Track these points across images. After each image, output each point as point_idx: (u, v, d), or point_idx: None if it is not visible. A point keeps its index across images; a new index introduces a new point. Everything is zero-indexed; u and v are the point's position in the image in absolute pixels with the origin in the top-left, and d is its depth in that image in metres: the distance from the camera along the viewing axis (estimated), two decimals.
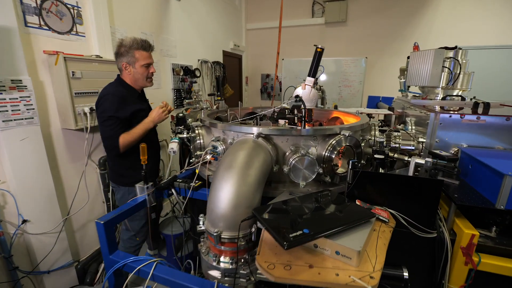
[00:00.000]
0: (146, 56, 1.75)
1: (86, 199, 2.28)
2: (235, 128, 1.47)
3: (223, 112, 2.33)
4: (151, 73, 1.80)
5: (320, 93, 3.32)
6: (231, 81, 5.33)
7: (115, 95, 1.68)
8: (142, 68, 1.74)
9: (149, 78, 1.81)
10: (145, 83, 1.82)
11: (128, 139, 1.68)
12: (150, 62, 1.77)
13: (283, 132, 1.38)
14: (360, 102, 5.28)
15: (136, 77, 1.77)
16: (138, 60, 1.72)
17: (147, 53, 1.76)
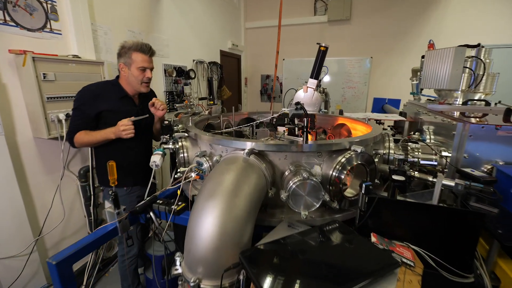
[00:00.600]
0: (144, 59, 1.63)
1: (62, 215, 2.03)
2: (223, 142, 1.22)
3: (215, 119, 2.08)
4: (146, 77, 1.67)
5: (323, 96, 3.06)
6: (229, 83, 5.08)
7: (91, 89, 1.63)
8: (137, 71, 1.63)
9: (144, 83, 1.69)
10: (139, 87, 1.69)
11: (84, 139, 1.59)
12: (147, 66, 1.65)
13: (280, 148, 1.13)
14: (364, 104, 5.02)
15: (130, 80, 1.66)
16: (134, 62, 1.61)
17: (145, 57, 1.64)
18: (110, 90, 1.67)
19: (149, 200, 1.39)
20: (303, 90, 2.55)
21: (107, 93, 1.65)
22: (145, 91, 1.72)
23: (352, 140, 1.18)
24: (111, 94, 1.66)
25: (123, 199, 1.73)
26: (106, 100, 1.63)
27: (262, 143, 1.12)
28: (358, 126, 1.88)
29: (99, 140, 1.59)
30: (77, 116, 1.60)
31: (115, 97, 1.66)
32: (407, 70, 4.68)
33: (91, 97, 1.60)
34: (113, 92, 1.67)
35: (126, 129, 1.54)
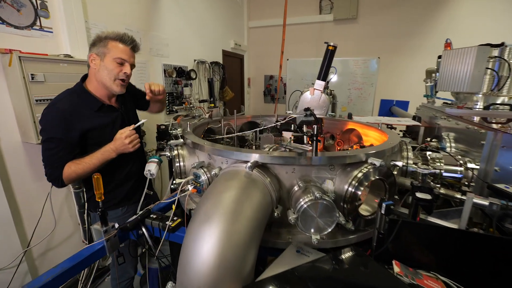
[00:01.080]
0: (122, 50, 1.31)
1: (53, 224, 1.91)
2: (223, 152, 1.09)
3: (216, 123, 1.95)
4: (123, 73, 1.32)
5: (331, 98, 2.91)
6: (231, 83, 4.95)
7: (60, 108, 1.24)
8: (112, 63, 1.28)
9: (118, 80, 1.32)
10: (111, 84, 1.32)
11: (77, 171, 1.24)
12: (126, 59, 1.32)
13: (288, 161, 0.99)
14: (371, 106, 4.86)
15: (100, 75, 1.30)
16: (111, 51, 1.28)
17: (126, 48, 1.33)
18: (80, 104, 1.30)
19: (142, 214, 1.26)
20: (309, 92, 2.40)
21: (79, 107, 1.29)
22: (117, 91, 1.35)
23: (368, 152, 1.04)
24: (82, 108, 1.30)
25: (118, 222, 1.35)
26: (83, 117, 1.28)
27: (267, 155, 0.98)
28: (370, 132, 1.73)
29: (98, 165, 1.27)
30: (54, 149, 1.22)
31: (90, 109, 1.32)
32: (416, 70, 4.52)
33: (62, 120, 1.22)
34: (84, 105, 1.31)
35: (132, 139, 1.27)
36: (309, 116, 1.10)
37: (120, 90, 1.36)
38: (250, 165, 0.93)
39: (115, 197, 1.51)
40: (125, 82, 1.37)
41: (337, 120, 2.03)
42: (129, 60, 1.34)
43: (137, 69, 2.70)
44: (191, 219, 0.84)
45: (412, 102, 4.64)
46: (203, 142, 1.21)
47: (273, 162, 0.99)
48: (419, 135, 1.92)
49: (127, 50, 1.34)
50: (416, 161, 1.30)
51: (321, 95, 2.34)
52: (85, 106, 1.31)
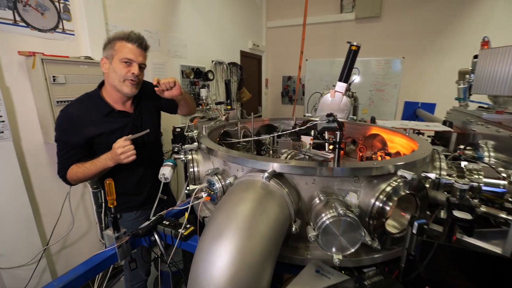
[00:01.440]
0: (129, 50, 1.26)
1: (71, 223, 1.94)
2: (238, 160, 1.03)
3: (232, 126, 1.90)
4: (131, 73, 1.27)
5: (352, 101, 2.79)
6: (249, 84, 4.91)
7: (68, 112, 1.26)
8: (120, 64, 1.25)
9: (127, 81, 1.28)
10: (121, 86, 1.28)
11: (78, 174, 1.26)
12: (133, 58, 1.26)
13: (308, 171, 0.91)
14: (394, 108, 4.63)
15: (111, 78, 1.28)
16: (118, 52, 1.25)
17: (133, 47, 1.27)
18: (91, 108, 1.30)
19: (154, 220, 1.23)
20: (330, 95, 2.30)
21: (88, 112, 1.28)
22: (129, 92, 1.30)
23: (397, 163, 0.94)
24: (92, 113, 1.29)
25: (131, 225, 1.46)
26: (91, 122, 1.28)
27: (285, 164, 0.91)
28: (396, 138, 1.61)
29: (97, 171, 1.26)
30: (62, 150, 1.26)
31: (99, 114, 1.31)
32: (444, 71, 4.26)
33: (70, 124, 1.25)
34: (94, 110, 1.30)
35: (125, 151, 1.19)
36: (332, 122, 1.02)
37: (131, 91, 1.31)
38: (268, 175, 0.86)
39: (131, 201, 1.50)
40: (136, 83, 1.32)
41: (359, 124, 1.92)
42: (136, 60, 1.28)
43: (155, 70, 2.72)
44: (203, 232, 0.78)
45: (439, 105, 4.37)
46: (218, 147, 1.16)
47: (292, 172, 0.92)
48: (451, 142, 1.77)
49: (133, 49, 1.27)
50: (450, 172, 1.18)
51: (343, 98, 2.23)
52: (94, 111, 1.30)
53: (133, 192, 1.49)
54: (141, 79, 1.35)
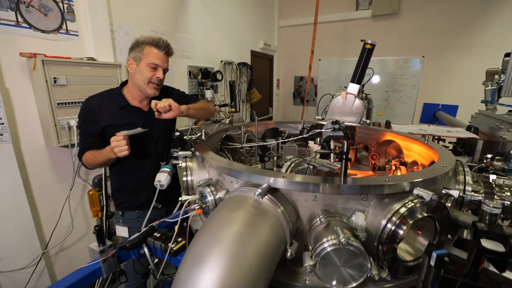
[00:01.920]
0: (157, 56, 1.36)
1: (70, 227, 1.92)
2: (232, 171, 0.93)
3: (236, 129, 1.81)
4: (156, 77, 1.37)
5: (365, 103, 2.61)
6: (259, 85, 4.80)
7: (90, 103, 1.40)
8: (147, 67, 1.35)
9: (152, 83, 1.38)
10: (146, 88, 1.38)
11: (90, 160, 1.38)
12: (160, 64, 1.37)
13: (308, 188, 0.80)
14: (412, 110, 4.38)
15: (136, 79, 1.38)
16: (146, 56, 1.35)
17: (160, 53, 1.37)
18: (111, 101, 1.42)
19: (144, 232, 1.15)
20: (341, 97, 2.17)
21: (106, 105, 1.40)
22: (152, 94, 1.40)
23: (414, 179, 0.81)
24: (111, 105, 1.41)
25: (133, 223, 1.51)
26: (106, 113, 1.38)
27: (282, 179, 0.80)
28: (413, 146, 1.46)
29: (103, 161, 1.35)
30: (82, 135, 1.41)
31: (115, 107, 1.41)
32: (467, 71, 3.97)
33: (89, 113, 1.37)
34: (113, 102, 1.42)
35: (117, 145, 1.22)
36: (337, 131, 0.90)
37: (154, 93, 1.41)
38: (260, 192, 0.76)
39: (132, 199, 1.51)
40: (159, 86, 1.41)
41: (373, 129, 1.77)
42: (162, 65, 1.38)
43: None
44: (183, 257, 0.69)
45: (462, 107, 4.10)
46: (212, 156, 1.07)
47: (289, 188, 0.81)
48: (476, 150, 1.59)
49: (160, 55, 1.36)
50: (476, 188, 1.03)
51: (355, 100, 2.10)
52: (112, 104, 1.41)
53: (135, 191, 1.51)
54: (163, 82, 1.44)
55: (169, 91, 1.61)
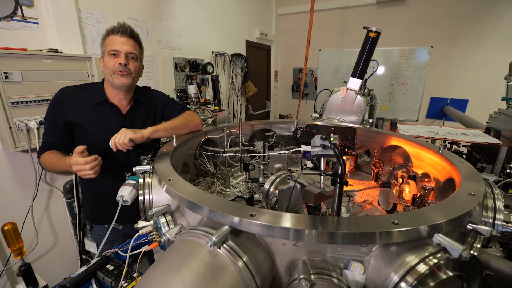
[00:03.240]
0: (113, 41, 1.18)
1: (35, 240, 1.72)
2: (190, 204, 0.70)
3: (218, 131, 1.57)
4: (118, 64, 1.18)
5: (368, 99, 2.34)
6: (256, 77, 4.53)
7: (62, 92, 1.23)
8: (108, 57, 1.20)
9: (117, 72, 1.20)
10: (112, 79, 1.21)
11: (47, 164, 1.17)
12: (119, 49, 1.18)
13: (284, 234, 0.57)
14: (418, 105, 4.11)
15: (105, 74, 1.24)
16: (106, 47, 1.20)
17: (117, 37, 1.19)
18: (86, 93, 1.25)
19: (94, 264, 0.94)
20: (340, 93, 1.93)
21: (80, 97, 1.23)
22: (119, 84, 1.21)
23: (433, 220, 0.58)
24: (85, 98, 1.23)
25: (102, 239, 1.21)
26: (77, 107, 1.20)
27: (250, 220, 0.58)
28: (425, 154, 1.22)
29: (61, 170, 1.14)
30: (46, 129, 1.23)
31: (89, 102, 1.23)
32: (479, 62, 3.67)
33: (57, 102, 1.20)
34: (89, 96, 1.24)
35: (80, 169, 1.02)
36: (327, 148, 0.66)
37: (121, 82, 1.21)
38: (215, 241, 0.53)
39: (103, 212, 1.34)
40: (125, 73, 1.21)
41: (376, 132, 1.53)
42: (121, 49, 1.18)
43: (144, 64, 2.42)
44: None
45: (472, 102, 3.82)
46: (169, 176, 0.84)
47: (260, 233, 0.59)
48: (498, 158, 1.34)
49: (117, 39, 1.19)
50: (508, 218, 0.80)
51: (356, 97, 1.85)
52: (86, 97, 1.24)
53: (103, 204, 1.32)
54: (133, 70, 1.24)
55: (155, 95, 1.45)
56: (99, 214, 1.38)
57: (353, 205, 1.15)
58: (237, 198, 0.99)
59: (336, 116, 1.89)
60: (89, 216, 1.43)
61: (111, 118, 1.26)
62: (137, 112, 1.34)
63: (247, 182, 1.37)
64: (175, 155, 1.19)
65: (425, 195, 1.07)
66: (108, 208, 1.22)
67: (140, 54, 1.28)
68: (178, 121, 1.35)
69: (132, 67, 1.22)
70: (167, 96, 1.47)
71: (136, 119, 1.33)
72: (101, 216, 1.37)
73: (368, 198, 1.24)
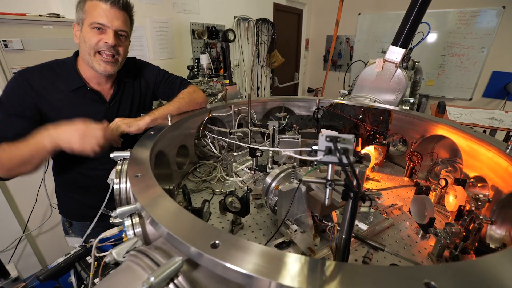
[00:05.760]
0: (100, 12, 0.93)
1: (49, 210, 1.77)
2: (151, 219, 0.54)
3: (226, 108, 1.38)
4: (104, 43, 0.95)
5: (411, 74, 1.92)
6: (284, 46, 4.14)
7: (25, 78, 0.95)
8: (90, 31, 0.94)
9: (99, 54, 0.97)
10: (92, 61, 0.97)
11: (3, 159, 0.85)
12: (107, 23, 0.94)
13: (246, 280, 0.39)
14: (475, 82, 3.48)
15: (81, 50, 0.99)
16: (87, 15, 0.94)
17: (106, 6, 0.93)
18: (57, 79, 0.99)
19: (72, 257, 0.86)
20: (375, 66, 1.61)
21: (51, 84, 0.98)
22: (101, 70, 0.98)
23: None
24: (58, 85, 0.99)
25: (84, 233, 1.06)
26: (47, 96, 0.97)
27: (207, 256, 0.40)
28: (481, 150, 0.92)
29: (28, 155, 0.85)
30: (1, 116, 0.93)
31: (65, 90, 0.99)
32: None
33: (22, 89, 0.94)
34: (61, 82, 0.99)
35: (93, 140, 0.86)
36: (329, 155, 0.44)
37: (104, 69, 0.99)
38: (153, 283, 0.37)
39: (79, 208, 1.17)
40: (111, 57, 0.98)
41: (417, 117, 1.22)
42: (110, 24, 0.94)
43: (156, 31, 2.25)
44: None
45: None
46: (137, 171, 0.69)
47: (223, 274, 0.41)
48: None
49: (106, 10, 0.93)
50: None
51: (396, 71, 1.53)
52: (60, 84, 0.99)
53: (81, 199, 1.16)
54: (122, 52, 1.01)
55: (143, 69, 1.21)
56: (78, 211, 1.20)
57: (377, 209, 0.92)
58: (228, 195, 0.82)
59: (368, 94, 1.58)
60: (68, 212, 1.23)
61: (92, 107, 1.04)
62: (124, 96, 1.13)
63: (253, 169, 1.19)
64: (168, 137, 1.04)
65: (478, 207, 0.80)
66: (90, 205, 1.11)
67: (130, 30, 1.05)
68: (178, 103, 1.17)
69: (122, 49, 1.00)
70: (158, 70, 1.25)
71: (123, 105, 1.13)
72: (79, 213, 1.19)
73: (397, 201, 1.00)
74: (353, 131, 1.34)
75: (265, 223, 0.90)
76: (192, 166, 1.27)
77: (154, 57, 2.29)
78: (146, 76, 1.21)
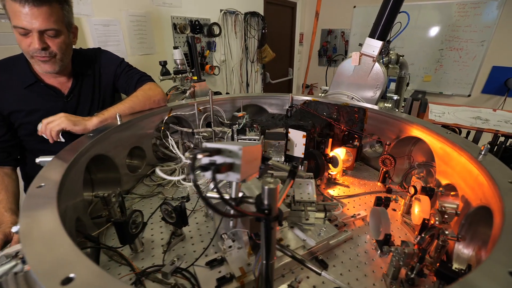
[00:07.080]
0: (18, 13, 0.84)
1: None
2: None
3: (190, 107, 1.29)
4: (32, 49, 0.89)
5: (396, 69, 1.79)
6: (277, 40, 4.01)
7: None
8: (17, 35, 0.89)
9: (36, 58, 0.92)
10: (31, 61, 0.95)
11: None
12: (27, 26, 0.85)
13: None
14: (473, 77, 3.33)
15: None
16: (11, 17, 0.88)
17: (21, 8, 0.83)
18: (13, 76, 0.99)
19: None
20: (352, 61, 1.51)
21: (7, 80, 0.98)
22: (42, 70, 0.96)
23: None
24: (14, 81, 0.98)
25: None
26: (4, 93, 0.97)
27: None
28: (454, 155, 0.81)
29: None
30: None
31: (19, 86, 0.99)
32: None
33: None
34: (16, 79, 0.99)
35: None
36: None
37: (45, 69, 0.96)
38: None
39: None
40: (47, 58, 0.93)
41: (393, 117, 1.12)
42: (31, 27, 0.86)
43: (133, 25, 2.15)
44: None
45: None
46: (40, 182, 0.60)
47: None
48: None
49: (23, 11, 0.83)
50: None
51: (373, 66, 1.42)
52: (16, 79, 0.98)
53: None
54: (56, 50, 0.94)
55: (104, 61, 1.16)
56: None
57: (340, 217, 0.83)
58: (164, 204, 0.73)
59: (347, 91, 1.47)
60: None
61: (47, 103, 1.02)
62: (83, 90, 1.10)
63: None
64: (115, 138, 0.95)
65: (444, 221, 0.70)
66: None
67: (65, 18, 0.93)
68: (131, 101, 1.08)
69: (56, 47, 0.93)
70: (119, 61, 1.19)
71: (82, 99, 1.10)
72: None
73: (363, 210, 0.91)
74: (325, 131, 1.23)
75: (210, 234, 0.81)
76: (150, 169, 1.19)
77: (132, 52, 2.20)
78: (108, 67, 1.16)
